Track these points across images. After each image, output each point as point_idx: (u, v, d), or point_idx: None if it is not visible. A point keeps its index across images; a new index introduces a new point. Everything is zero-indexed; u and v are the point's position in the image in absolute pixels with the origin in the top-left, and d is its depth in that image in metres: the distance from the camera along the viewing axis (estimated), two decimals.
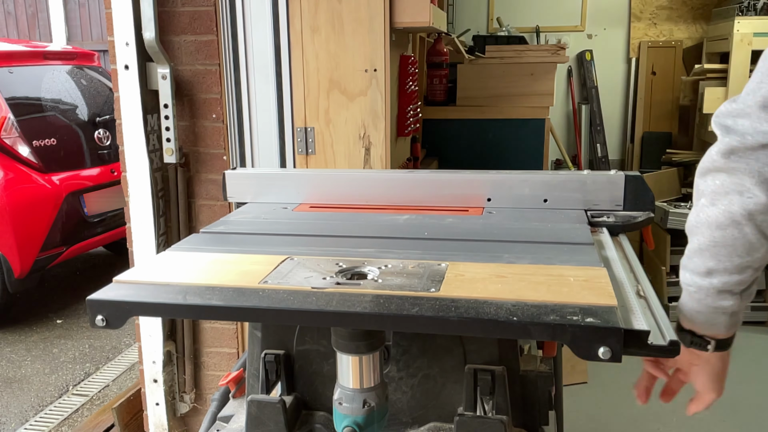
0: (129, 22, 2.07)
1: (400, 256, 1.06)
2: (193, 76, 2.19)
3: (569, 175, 1.38)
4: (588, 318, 0.80)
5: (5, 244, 3.86)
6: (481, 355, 1.02)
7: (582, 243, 1.13)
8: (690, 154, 4.48)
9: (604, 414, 2.73)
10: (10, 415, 3.08)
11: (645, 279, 1.04)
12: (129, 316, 0.92)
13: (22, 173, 3.95)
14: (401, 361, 1.07)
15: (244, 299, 0.90)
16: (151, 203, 2.18)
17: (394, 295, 0.89)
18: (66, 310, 4.34)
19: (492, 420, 0.96)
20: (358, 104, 2.08)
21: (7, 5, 8.44)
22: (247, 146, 2.20)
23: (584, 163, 5.54)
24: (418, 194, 1.44)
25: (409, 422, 1.09)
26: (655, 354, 0.82)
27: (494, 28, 5.14)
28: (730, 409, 2.70)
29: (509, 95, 3.12)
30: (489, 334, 0.83)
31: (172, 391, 2.37)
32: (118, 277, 0.99)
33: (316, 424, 1.10)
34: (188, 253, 1.13)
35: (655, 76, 4.98)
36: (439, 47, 3.12)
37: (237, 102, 2.17)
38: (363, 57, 2.05)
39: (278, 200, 1.49)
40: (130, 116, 2.13)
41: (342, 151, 2.12)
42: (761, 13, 3.96)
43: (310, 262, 1.04)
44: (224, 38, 2.13)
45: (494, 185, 1.40)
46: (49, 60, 4.54)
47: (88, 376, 3.47)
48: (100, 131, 4.54)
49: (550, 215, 1.32)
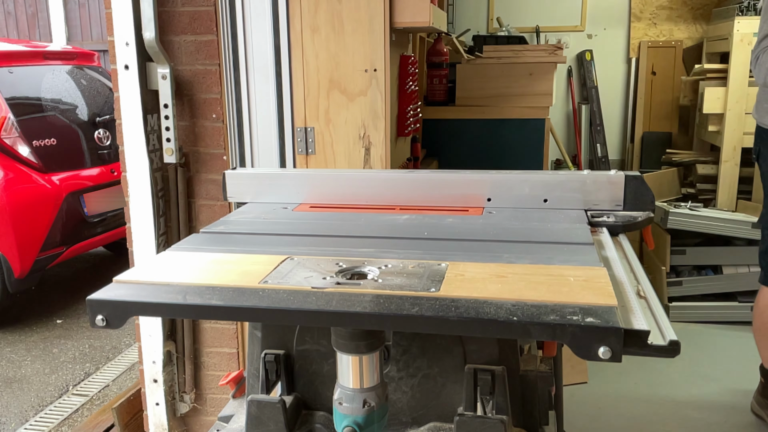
0: (129, 22, 2.06)
1: (400, 256, 1.06)
2: (193, 76, 2.19)
3: (569, 175, 1.38)
4: (588, 318, 0.80)
5: (5, 244, 3.86)
6: (481, 355, 1.02)
7: (582, 243, 1.13)
8: (690, 154, 4.48)
9: (604, 414, 2.73)
10: (10, 415, 3.08)
11: (645, 279, 1.04)
12: (129, 316, 0.92)
13: (22, 173, 3.95)
14: (401, 361, 1.07)
15: (244, 299, 0.90)
16: (151, 203, 2.18)
17: (394, 294, 0.89)
18: (66, 310, 4.34)
19: (492, 420, 0.96)
20: (358, 104, 2.08)
21: (7, 5, 8.44)
22: (247, 146, 2.20)
23: (584, 163, 5.54)
24: (418, 194, 1.44)
25: (409, 422, 1.09)
26: (654, 354, 0.82)
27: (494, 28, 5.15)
28: (730, 409, 2.70)
29: (509, 95, 3.12)
30: (489, 334, 0.83)
31: (172, 391, 2.37)
32: (118, 277, 0.99)
33: (316, 424, 1.10)
34: (188, 253, 1.13)
35: (655, 76, 4.99)
36: (439, 47, 3.12)
37: (237, 102, 2.17)
38: (363, 57, 2.05)
39: (278, 200, 1.49)
40: (130, 116, 2.13)
41: (342, 151, 2.12)
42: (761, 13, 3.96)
43: (310, 262, 1.04)
44: (224, 38, 2.13)
45: (494, 185, 1.41)
46: (49, 60, 4.54)
47: (88, 376, 3.47)
48: (100, 131, 4.54)
49: (550, 215, 1.33)
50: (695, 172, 4.30)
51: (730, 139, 3.99)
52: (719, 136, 4.07)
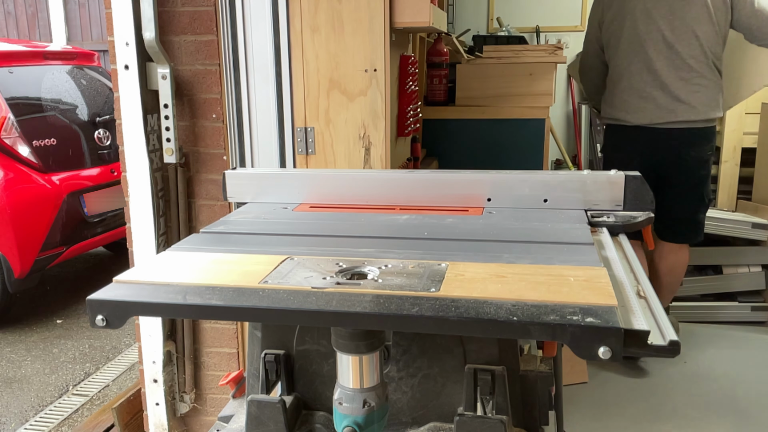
0: (129, 22, 2.07)
1: (400, 256, 1.06)
2: (193, 76, 2.19)
3: (569, 175, 1.38)
4: (588, 318, 0.80)
5: (5, 244, 3.86)
6: (481, 355, 1.02)
7: (582, 243, 1.13)
8: None
9: (604, 414, 2.73)
10: (10, 415, 3.08)
11: (645, 279, 1.04)
12: (129, 316, 0.92)
13: (22, 173, 3.95)
14: (401, 361, 1.07)
15: (244, 299, 0.90)
16: (151, 203, 2.18)
17: (394, 295, 0.89)
18: (66, 310, 4.34)
19: (492, 420, 0.96)
20: (358, 104, 2.08)
21: (7, 5, 8.45)
22: (247, 146, 2.20)
23: (584, 163, 5.54)
24: (418, 194, 1.44)
25: (409, 422, 1.09)
26: (654, 354, 0.82)
27: (494, 28, 5.15)
28: (730, 408, 2.70)
29: (509, 95, 3.12)
30: (489, 334, 0.83)
31: (172, 391, 2.37)
32: (118, 277, 0.99)
33: (316, 424, 1.10)
34: (188, 253, 1.13)
35: None
36: (439, 47, 3.12)
37: (237, 102, 2.17)
38: (363, 57, 2.05)
39: (278, 200, 1.49)
40: (130, 116, 2.13)
41: (342, 151, 2.12)
42: None
43: (310, 262, 1.04)
44: (224, 38, 2.13)
45: (494, 185, 1.41)
46: (49, 60, 4.54)
47: (88, 376, 3.47)
48: (100, 131, 4.54)
49: (550, 215, 1.33)
50: None
51: (730, 139, 4.00)
52: (719, 136, 4.07)
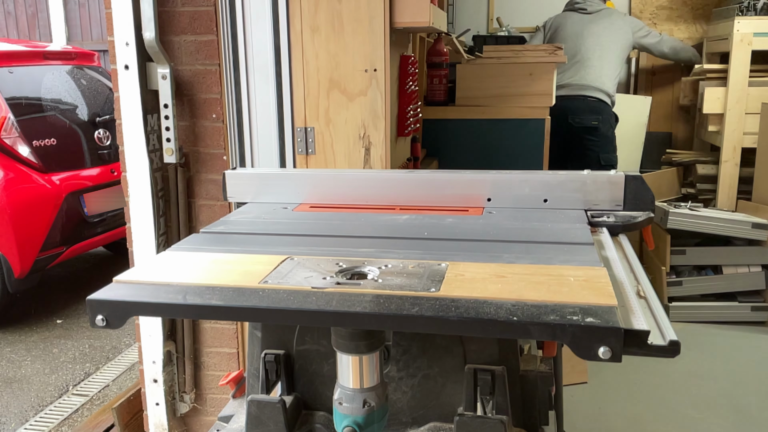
0: (129, 22, 2.07)
1: (400, 256, 1.06)
2: (193, 76, 2.19)
3: (569, 175, 1.38)
4: (588, 318, 0.80)
5: (5, 244, 3.86)
6: (481, 355, 1.02)
7: (582, 243, 1.13)
8: (690, 154, 4.48)
9: (604, 414, 2.73)
10: (10, 415, 3.08)
11: (645, 279, 1.04)
12: (129, 316, 0.92)
13: (22, 173, 3.95)
14: (401, 361, 1.07)
15: (244, 299, 0.90)
16: (151, 203, 2.18)
17: (394, 295, 0.89)
18: (66, 310, 4.34)
19: (492, 420, 0.96)
20: (358, 104, 2.08)
21: (7, 5, 8.45)
22: (247, 146, 2.20)
23: None
24: (418, 194, 1.44)
25: (409, 422, 1.09)
26: (654, 354, 0.82)
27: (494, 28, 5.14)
28: (730, 408, 2.70)
29: (509, 95, 3.12)
30: (489, 334, 0.83)
31: (172, 391, 2.37)
32: (118, 277, 0.99)
33: (316, 424, 1.10)
34: (188, 253, 1.13)
35: (655, 76, 4.98)
36: (439, 47, 3.12)
37: (237, 102, 2.17)
38: (363, 57, 2.05)
39: (278, 200, 1.49)
40: (130, 116, 2.13)
41: (342, 151, 2.12)
42: (761, 13, 3.96)
43: (310, 262, 1.04)
44: (224, 38, 2.13)
45: (494, 185, 1.41)
46: (49, 60, 4.54)
47: (88, 376, 3.47)
48: (100, 131, 4.54)
49: (550, 215, 1.33)
50: (695, 172, 4.30)
51: (729, 139, 3.99)
52: (719, 136, 4.07)
